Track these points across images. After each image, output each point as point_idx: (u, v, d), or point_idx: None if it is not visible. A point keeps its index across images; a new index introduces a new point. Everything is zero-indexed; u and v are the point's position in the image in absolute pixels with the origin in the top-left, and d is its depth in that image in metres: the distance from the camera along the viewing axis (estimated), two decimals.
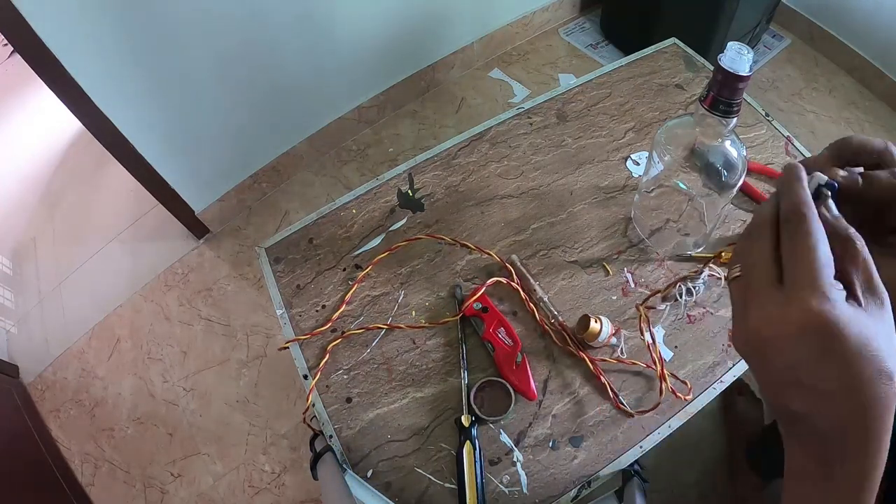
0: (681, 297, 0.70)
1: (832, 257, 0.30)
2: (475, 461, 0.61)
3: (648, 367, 0.66)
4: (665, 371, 0.64)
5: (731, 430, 1.25)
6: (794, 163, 0.34)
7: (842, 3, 1.90)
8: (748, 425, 1.23)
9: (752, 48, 1.97)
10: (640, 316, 0.65)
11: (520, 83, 2.01)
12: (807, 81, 1.96)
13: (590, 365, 0.67)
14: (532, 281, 0.73)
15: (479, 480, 0.60)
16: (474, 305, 0.70)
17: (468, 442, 0.62)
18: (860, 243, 0.32)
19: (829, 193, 0.33)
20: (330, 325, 0.72)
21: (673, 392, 0.64)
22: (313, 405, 0.67)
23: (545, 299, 0.72)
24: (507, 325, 0.69)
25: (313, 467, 0.62)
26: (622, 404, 0.65)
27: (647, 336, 0.64)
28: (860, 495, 0.30)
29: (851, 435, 0.30)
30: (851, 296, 0.30)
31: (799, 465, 0.33)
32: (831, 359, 0.29)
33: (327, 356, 0.70)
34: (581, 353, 0.68)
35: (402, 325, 0.71)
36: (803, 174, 0.33)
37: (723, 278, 0.73)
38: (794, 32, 2.09)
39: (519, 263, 0.74)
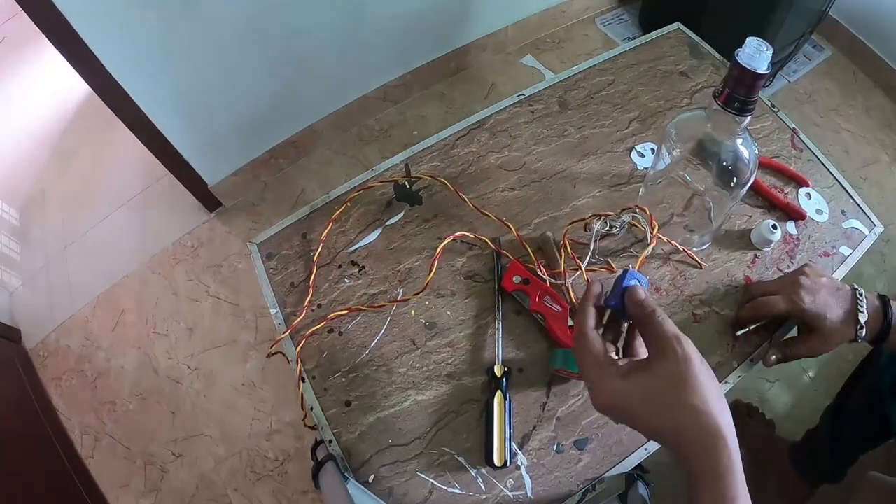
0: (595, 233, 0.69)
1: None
2: (504, 412, 0.61)
3: None
4: None
5: (754, 451, 1.24)
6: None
7: (889, 21, 1.83)
8: (769, 445, 1.23)
9: (793, 57, 1.90)
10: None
11: (552, 72, 1.93)
12: (844, 97, 1.91)
13: None
14: (560, 262, 0.70)
15: (507, 431, 0.60)
16: (514, 279, 0.68)
17: (499, 391, 0.62)
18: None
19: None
20: (325, 324, 0.69)
21: None
22: (311, 409, 0.65)
23: (568, 285, 0.69)
24: (550, 291, 0.67)
25: (315, 476, 0.61)
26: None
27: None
28: None
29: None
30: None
31: None
32: None
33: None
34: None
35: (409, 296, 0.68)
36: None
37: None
38: (835, 45, 2.02)
39: (552, 242, 0.72)
